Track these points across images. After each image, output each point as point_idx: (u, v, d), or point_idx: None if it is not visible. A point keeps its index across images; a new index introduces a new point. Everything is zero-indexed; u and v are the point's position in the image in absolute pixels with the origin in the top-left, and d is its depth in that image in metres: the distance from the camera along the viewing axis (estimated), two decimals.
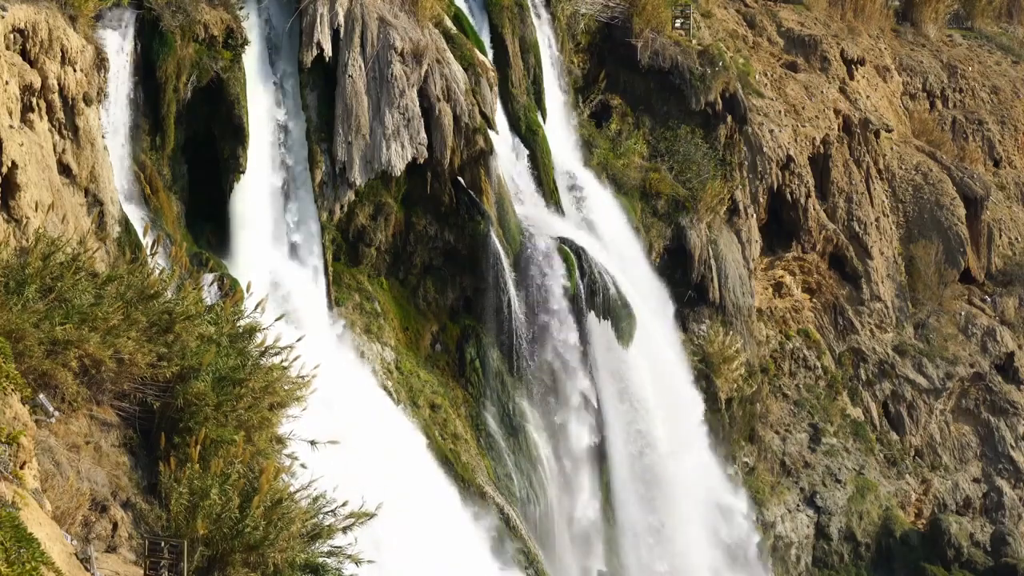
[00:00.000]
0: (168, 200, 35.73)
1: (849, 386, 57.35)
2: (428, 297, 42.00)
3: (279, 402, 22.70)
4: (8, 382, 17.68)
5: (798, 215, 56.07)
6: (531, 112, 45.82)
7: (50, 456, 19.54)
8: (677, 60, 51.38)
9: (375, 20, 39.59)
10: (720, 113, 51.92)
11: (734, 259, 51.45)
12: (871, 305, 58.50)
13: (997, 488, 58.53)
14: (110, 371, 21.11)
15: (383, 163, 39.23)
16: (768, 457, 53.15)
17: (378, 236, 40.65)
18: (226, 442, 20.82)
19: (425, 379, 40.58)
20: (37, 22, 29.91)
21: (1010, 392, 60.40)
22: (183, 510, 19.44)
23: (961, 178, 63.14)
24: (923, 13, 71.19)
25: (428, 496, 36.19)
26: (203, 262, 34.46)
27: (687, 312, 49.77)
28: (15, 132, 28.02)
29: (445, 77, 40.48)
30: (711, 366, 49.48)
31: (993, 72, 71.90)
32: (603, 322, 43.64)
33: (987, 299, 62.98)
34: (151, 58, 35.26)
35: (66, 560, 16.58)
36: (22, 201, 27.69)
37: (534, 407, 42.62)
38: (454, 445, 39.76)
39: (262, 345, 23.52)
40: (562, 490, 42.96)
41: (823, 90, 59.23)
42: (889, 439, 57.30)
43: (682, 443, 46.14)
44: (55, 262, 21.42)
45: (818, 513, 53.45)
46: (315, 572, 20.58)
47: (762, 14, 62.68)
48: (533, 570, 39.15)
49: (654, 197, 49.54)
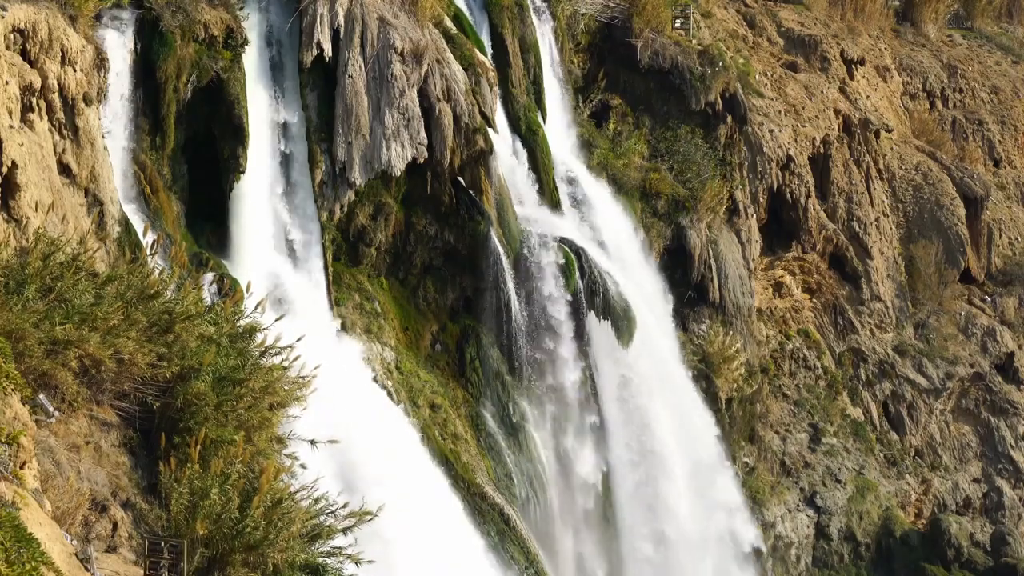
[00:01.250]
0: (168, 200, 35.72)
1: (849, 386, 57.34)
2: (428, 297, 42.00)
3: (279, 402, 22.70)
4: (8, 382, 17.68)
5: (798, 215, 56.06)
6: (531, 112, 45.81)
7: (50, 456, 19.54)
8: (677, 60, 51.38)
9: (375, 20, 39.59)
10: (720, 113, 51.91)
11: (734, 259, 51.43)
12: (871, 305, 58.49)
13: (997, 488, 58.52)
14: (110, 371, 21.11)
15: (383, 163, 39.22)
16: (768, 457, 53.14)
17: (378, 236, 40.64)
18: (226, 442, 20.83)
19: (425, 379, 40.57)
20: (37, 22, 29.90)
21: (1010, 392, 60.39)
22: (183, 510, 19.44)
23: (961, 178, 63.13)
24: (923, 13, 71.18)
25: (428, 496, 36.17)
26: (203, 262, 34.44)
27: (687, 312, 49.77)
28: (15, 132, 28.01)
29: (445, 77, 40.47)
30: (711, 366, 49.48)
31: (993, 72, 71.90)
32: (603, 322, 43.65)
33: (987, 299, 62.97)
34: (151, 58, 35.24)
35: (66, 560, 16.57)
36: (22, 201, 27.68)
37: (534, 407, 42.62)
38: (454, 445, 39.75)
39: (262, 345, 23.52)
40: (562, 490, 42.96)
41: (823, 90, 59.21)
42: (889, 439, 57.28)
43: (683, 442, 46.19)
44: (55, 262, 21.42)
45: (818, 513, 53.45)
46: (315, 572, 20.58)
47: (762, 14, 62.67)
48: (533, 570, 39.14)
49: (654, 197, 49.53)
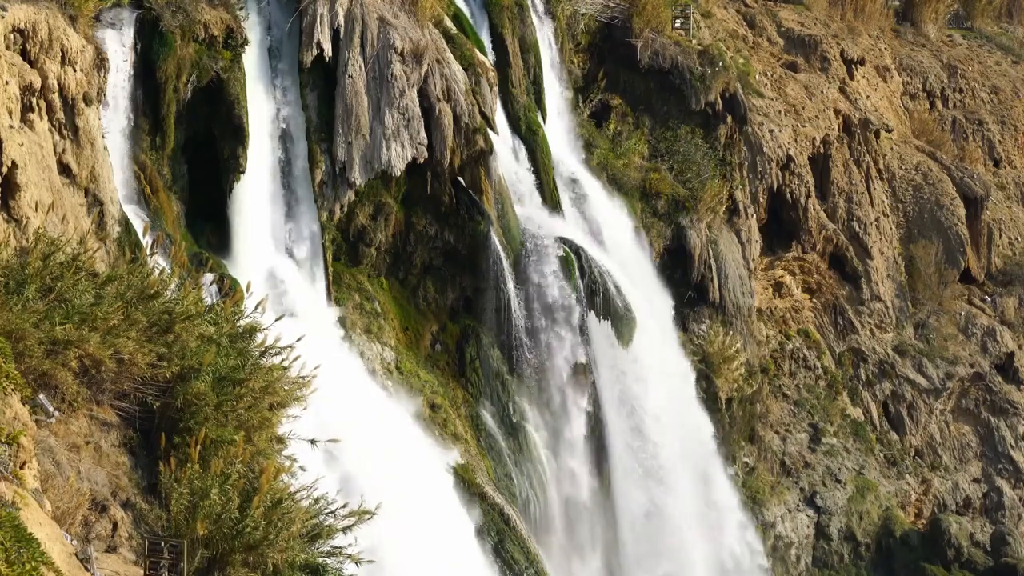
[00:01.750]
0: (168, 200, 35.72)
1: (849, 386, 57.32)
2: (428, 297, 41.99)
3: (279, 402, 22.69)
4: (8, 382, 17.67)
5: (798, 215, 56.05)
6: (531, 112, 45.80)
7: (50, 456, 19.53)
8: (677, 60, 51.37)
9: (375, 20, 39.58)
10: (720, 113, 51.90)
11: (734, 259, 51.43)
12: (871, 305, 58.48)
13: (997, 488, 58.51)
14: (110, 371, 21.10)
15: (383, 163, 39.21)
16: (768, 457, 53.13)
17: (378, 236, 40.63)
18: (226, 442, 20.81)
19: (425, 379, 40.56)
20: (37, 22, 29.90)
21: (1010, 392, 60.37)
22: (183, 510, 19.43)
23: (961, 178, 63.12)
24: (923, 13, 71.16)
25: (427, 496, 36.15)
26: (203, 262, 34.41)
27: (687, 312, 49.75)
28: (15, 132, 28.01)
29: (445, 77, 40.46)
30: (711, 366, 49.47)
31: (993, 72, 71.88)
32: (603, 322, 43.64)
33: (987, 299, 62.95)
34: (151, 58, 35.24)
35: (66, 560, 16.57)
36: (22, 201, 27.68)
37: (534, 407, 42.62)
38: (454, 445, 39.75)
39: (262, 345, 23.50)
40: (562, 489, 42.95)
41: (823, 90, 59.20)
42: (889, 439, 57.27)
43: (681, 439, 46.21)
44: (55, 262, 21.41)
45: (818, 513, 53.43)
46: (315, 572, 20.57)
47: (762, 14, 62.66)
48: (533, 570, 39.13)
49: (654, 197, 49.52)
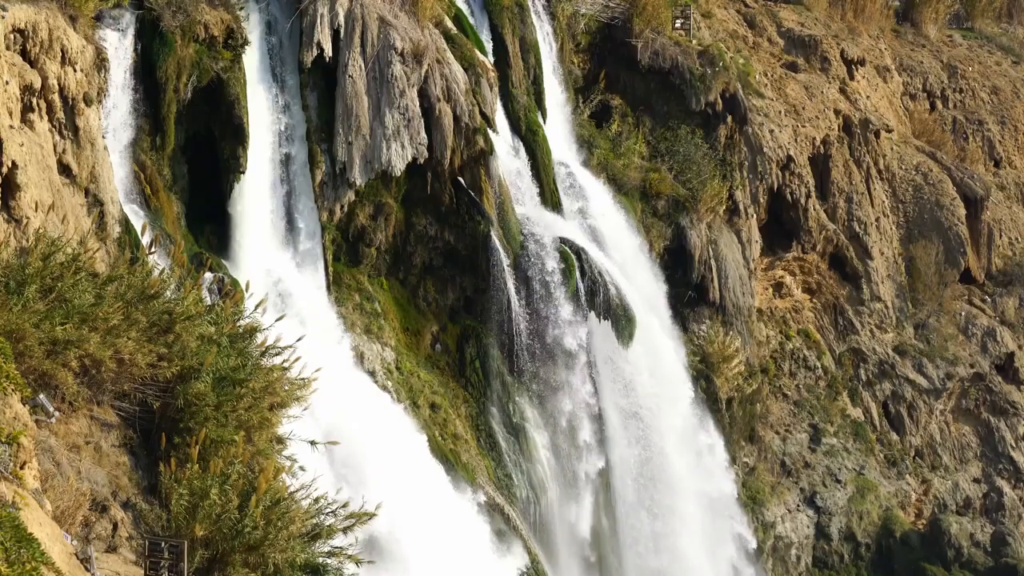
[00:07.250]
0: (168, 200, 35.74)
1: (849, 386, 57.31)
2: (428, 297, 42.00)
3: (279, 402, 22.66)
4: (8, 382, 17.66)
5: (798, 215, 56.05)
6: (531, 112, 45.81)
7: (50, 456, 19.52)
8: (677, 60, 51.38)
9: (375, 20, 39.59)
10: (720, 113, 51.91)
11: (734, 259, 51.42)
12: (871, 305, 58.47)
13: (997, 488, 58.50)
14: (110, 371, 21.08)
15: (383, 163, 39.22)
16: (768, 457, 53.13)
17: (378, 236, 40.64)
18: (226, 442, 20.79)
19: (425, 379, 40.57)
20: (37, 22, 29.91)
21: (1010, 392, 60.36)
22: (183, 510, 19.41)
23: (961, 178, 63.12)
24: (923, 13, 71.15)
25: (427, 496, 36.17)
26: (203, 262, 34.41)
27: (687, 312, 49.76)
28: (15, 132, 28.02)
29: (445, 77, 40.47)
30: (711, 366, 49.47)
31: (993, 72, 71.87)
32: (603, 322, 43.65)
33: (987, 299, 62.93)
34: (151, 58, 35.27)
35: (66, 560, 16.56)
36: (22, 201, 27.69)
37: (534, 407, 42.62)
38: (454, 445, 39.75)
39: (262, 345, 23.48)
40: (562, 489, 42.96)
41: (823, 90, 59.20)
42: (889, 439, 57.26)
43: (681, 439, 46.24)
44: (55, 262, 21.38)
45: (818, 513, 53.43)
46: (315, 572, 20.55)
47: (762, 14, 62.65)
48: (533, 570, 39.15)
49: (654, 197, 49.54)
